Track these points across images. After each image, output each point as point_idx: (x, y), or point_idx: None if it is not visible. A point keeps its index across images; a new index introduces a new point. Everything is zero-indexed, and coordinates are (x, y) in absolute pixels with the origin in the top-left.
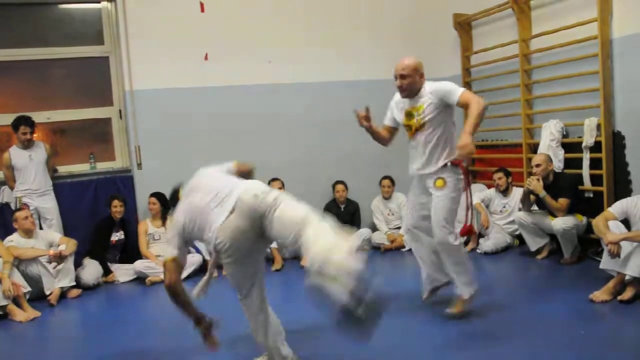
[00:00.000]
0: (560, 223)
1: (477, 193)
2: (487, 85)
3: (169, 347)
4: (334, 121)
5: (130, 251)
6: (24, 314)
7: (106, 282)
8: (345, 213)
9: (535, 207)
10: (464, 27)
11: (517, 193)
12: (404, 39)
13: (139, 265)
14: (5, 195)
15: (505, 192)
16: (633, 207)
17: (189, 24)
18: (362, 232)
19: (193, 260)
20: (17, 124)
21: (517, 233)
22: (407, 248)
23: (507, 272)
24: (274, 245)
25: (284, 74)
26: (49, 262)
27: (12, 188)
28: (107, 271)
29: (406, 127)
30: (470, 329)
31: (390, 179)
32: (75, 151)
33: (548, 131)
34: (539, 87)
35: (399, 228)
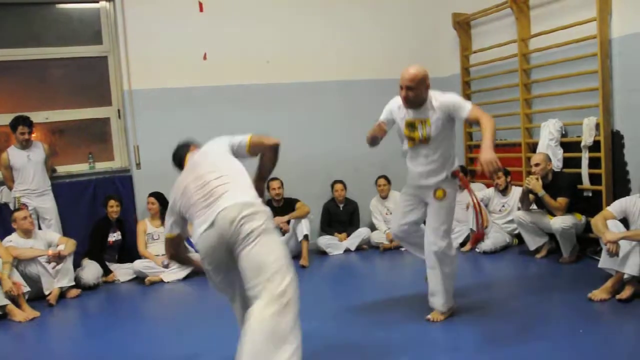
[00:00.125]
0: (559, 222)
1: (476, 192)
2: (486, 85)
3: (169, 347)
4: (334, 120)
5: (128, 251)
6: (23, 314)
7: (106, 282)
8: (344, 212)
9: (534, 207)
10: (463, 27)
11: (516, 192)
12: (404, 38)
13: (138, 265)
14: (4, 196)
15: (504, 192)
16: (632, 206)
17: (187, 23)
18: (361, 232)
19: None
20: (16, 124)
21: (516, 232)
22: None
23: (506, 272)
24: None
25: (282, 74)
26: (48, 262)
27: (11, 188)
28: (107, 271)
29: (407, 138)
30: (469, 328)
31: (386, 178)
32: (74, 151)
33: (547, 130)
34: (538, 87)
35: None
